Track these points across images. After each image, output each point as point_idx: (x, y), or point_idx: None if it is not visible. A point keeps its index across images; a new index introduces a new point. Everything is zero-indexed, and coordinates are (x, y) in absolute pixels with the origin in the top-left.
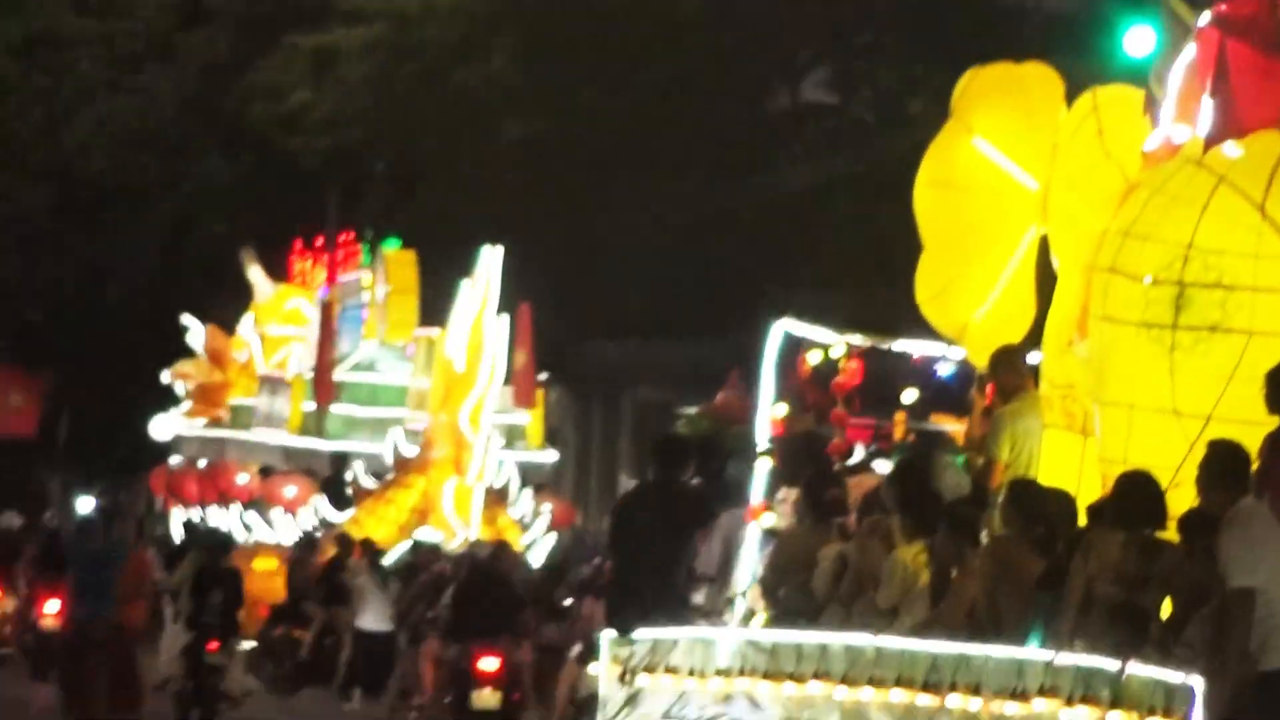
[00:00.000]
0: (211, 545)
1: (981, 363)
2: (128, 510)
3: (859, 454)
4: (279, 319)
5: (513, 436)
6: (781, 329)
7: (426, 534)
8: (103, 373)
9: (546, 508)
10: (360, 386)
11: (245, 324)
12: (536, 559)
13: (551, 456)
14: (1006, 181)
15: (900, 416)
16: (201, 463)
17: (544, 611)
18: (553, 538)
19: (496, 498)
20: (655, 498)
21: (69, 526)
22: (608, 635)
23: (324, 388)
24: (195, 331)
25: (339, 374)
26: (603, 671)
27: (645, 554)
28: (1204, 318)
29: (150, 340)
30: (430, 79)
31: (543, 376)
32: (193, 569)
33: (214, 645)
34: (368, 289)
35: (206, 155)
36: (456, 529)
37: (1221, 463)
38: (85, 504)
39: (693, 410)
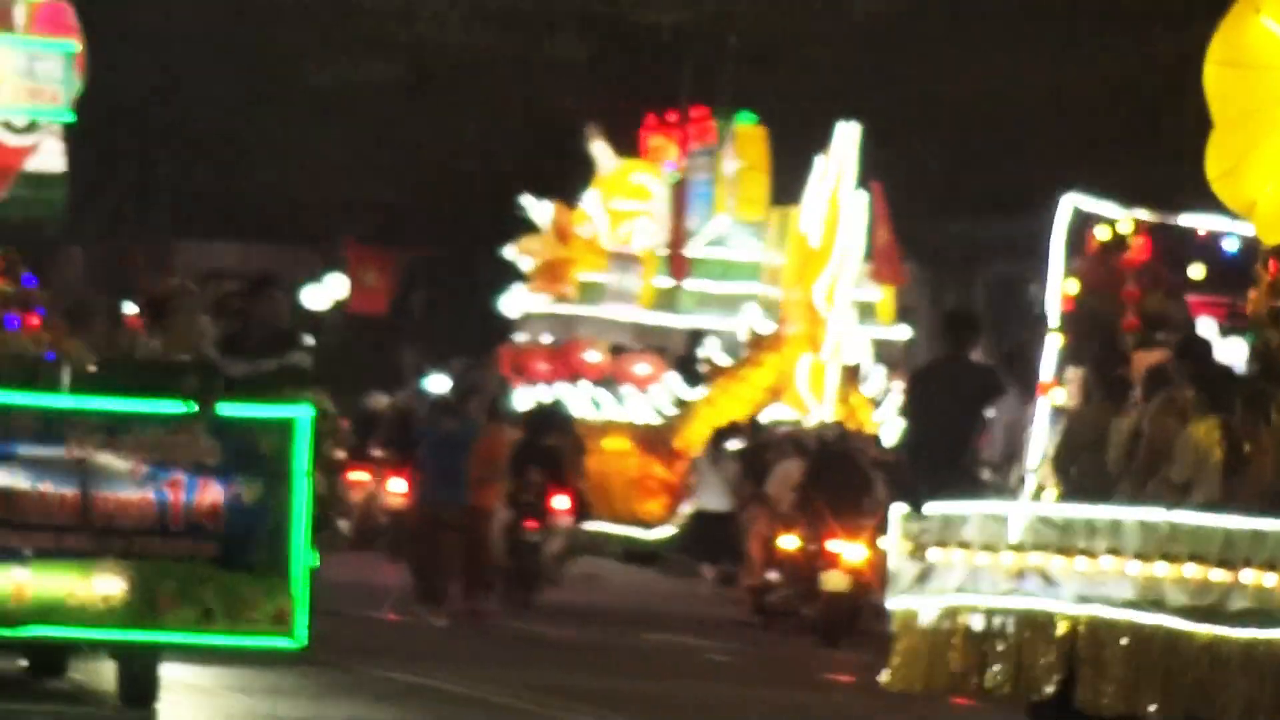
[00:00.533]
0: (532, 423)
1: (1270, 239)
2: (483, 389)
3: (1209, 329)
4: (623, 193)
5: (865, 313)
6: (1070, 204)
7: (780, 412)
8: (454, 250)
9: (898, 386)
10: (713, 262)
11: (590, 198)
12: (888, 439)
13: (904, 333)
14: None
15: (1254, 294)
16: (545, 339)
17: (895, 493)
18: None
19: (850, 375)
20: (946, 372)
21: (421, 406)
22: (898, 509)
23: (678, 263)
24: (537, 208)
25: (691, 249)
26: (893, 546)
27: (936, 428)
28: None
29: (500, 217)
30: None
31: None
32: (514, 447)
33: (532, 523)
34: (716, 164)
35: (559, 31)
36: (811, 407)
37: None
38: (439, 383)
39: None
